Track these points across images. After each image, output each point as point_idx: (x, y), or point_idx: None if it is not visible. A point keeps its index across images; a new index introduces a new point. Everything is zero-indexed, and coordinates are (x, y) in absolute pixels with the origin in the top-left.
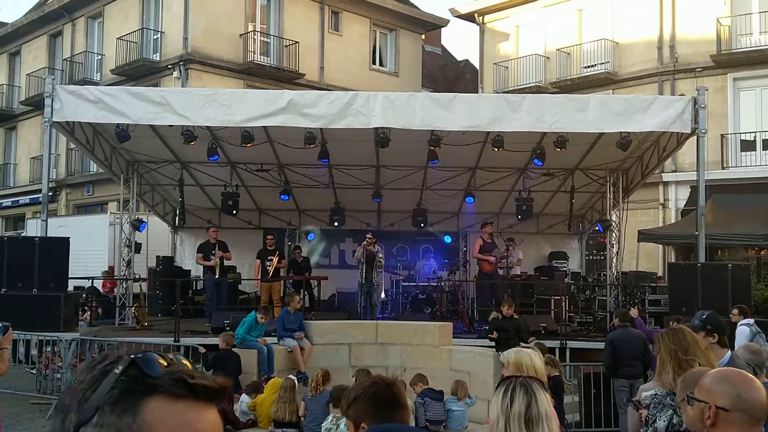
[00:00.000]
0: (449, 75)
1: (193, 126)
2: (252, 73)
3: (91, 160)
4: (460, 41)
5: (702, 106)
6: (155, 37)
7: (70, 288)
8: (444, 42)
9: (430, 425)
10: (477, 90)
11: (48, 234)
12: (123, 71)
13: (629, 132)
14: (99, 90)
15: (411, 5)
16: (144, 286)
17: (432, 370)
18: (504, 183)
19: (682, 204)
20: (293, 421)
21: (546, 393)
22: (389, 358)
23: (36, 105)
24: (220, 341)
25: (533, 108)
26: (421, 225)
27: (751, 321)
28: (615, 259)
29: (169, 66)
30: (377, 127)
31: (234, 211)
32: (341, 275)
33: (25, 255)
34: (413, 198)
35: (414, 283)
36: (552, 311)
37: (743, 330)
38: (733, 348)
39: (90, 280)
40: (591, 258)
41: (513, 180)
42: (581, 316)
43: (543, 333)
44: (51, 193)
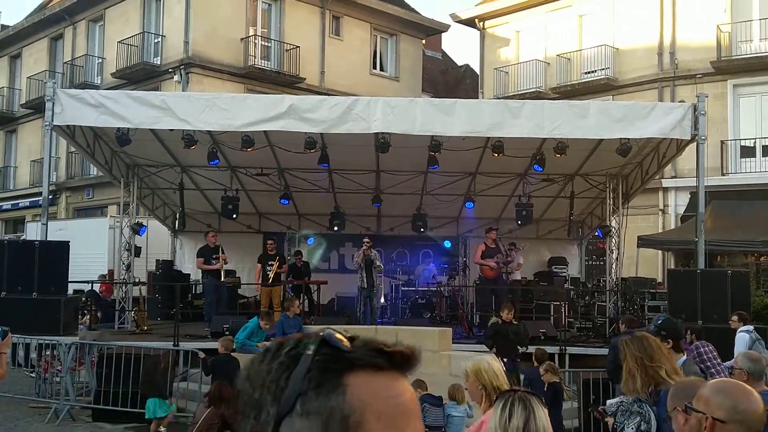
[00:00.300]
0: (450, 80)
1: (194, 130)
2: (253, 78)
3: (92, 163)
4: (460, 46)
5: (702, 112)
6: (156, 41)
7: (69, 291)
8: (444, 47)
9: (428, 431)
10: (477, 95)
11: (48, 237)
12: (124, 75)
13: (629, 138)
14: (100, 94)
15: (412, 10)
16: (143, 289)
17: (431, 375)
18: (504, 188)
19: (681, 210)
20: None
21: (543, 408)
22: None
23: (36, 108)
24: (219, 346)
25: (533, 114)
26: (421, 230)
27: (751, 328)
28: (614, 265)
29: (170, 70)
30: (377, 132)
31: (234, 215)
32: (341, 280)
33: (25, 258)
34: (413, 203)
35: (413, 288)
36: (551, 317)
37: (743, 337)
38: (733, 354)
39: (90, 284)
40: (590, 263)
41: (513, 185)
42: (581, 321)
43: (542, 339)
44: (51, 197)
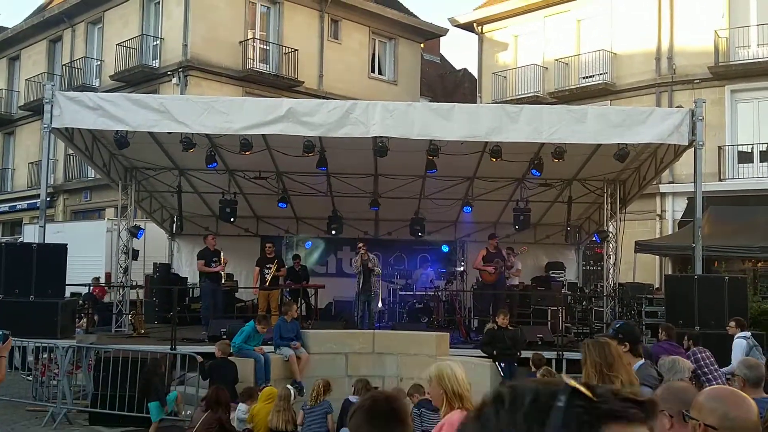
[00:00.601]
0: (448, 84)
1: (192, 133)
2: (251, 81)
3: (90, 166)
4: (459, 50)
5: (699, 118)
6: (155, 44)
7: (67, 294)
8: (443, 51)
9: None
10: (475, 99)
11: (45, 240)
12: (122, 77)
13: (627, 143)
14: (98, 96)
15: (410, 14)
16: (141, 293)
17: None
18: (502, 193)
19: (679, 215)
20: (289, 430)
21: None
22: (386, 367)
23: (35, 110)
24: (216, 350)
25: (532, 119)
26: (419, 234)
27: (748, 334)
28: (612, 270)
29: (169, 72)
30: (376, 136)
31: (232, 219)
32: (338, 284)
33: (23, 261)
34: (411, 207)
35: (411, 293)
36: (549, 322)
37: (740, 343)
38: (731, 360)
39: (88, 287)
40: (588, 269)
41: (511, 190)
42: (578, 326)
43: (539, 344)
44: (49, 199)
